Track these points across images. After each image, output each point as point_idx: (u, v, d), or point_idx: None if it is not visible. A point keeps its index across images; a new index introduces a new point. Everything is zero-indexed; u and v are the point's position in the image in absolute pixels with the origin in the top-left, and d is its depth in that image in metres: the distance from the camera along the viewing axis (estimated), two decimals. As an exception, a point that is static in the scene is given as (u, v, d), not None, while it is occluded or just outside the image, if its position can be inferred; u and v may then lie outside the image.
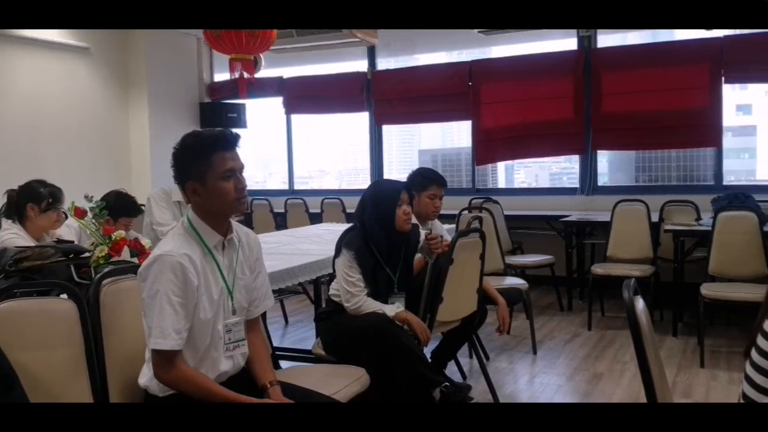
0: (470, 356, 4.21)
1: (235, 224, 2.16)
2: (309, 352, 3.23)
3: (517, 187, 7.98)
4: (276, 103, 8.15)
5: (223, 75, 8.05)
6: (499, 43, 7.21)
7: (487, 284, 3.56)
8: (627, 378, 3.92)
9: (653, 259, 5.16)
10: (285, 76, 8.00)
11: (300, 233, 4.80)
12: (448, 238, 3.24)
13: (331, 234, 3.96)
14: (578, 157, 6.73)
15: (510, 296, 3.88)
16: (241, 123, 7.88)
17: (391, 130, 8.20)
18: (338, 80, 7.77)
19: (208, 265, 2.03)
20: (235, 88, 5.69)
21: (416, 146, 9.14)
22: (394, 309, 2.89)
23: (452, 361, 3.72)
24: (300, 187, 8.53)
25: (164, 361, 1.92)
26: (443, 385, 3.03)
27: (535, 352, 4.48)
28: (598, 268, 5.10)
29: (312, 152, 9.18)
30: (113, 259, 2.59)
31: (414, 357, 2.81)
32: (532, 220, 6.36)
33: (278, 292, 4.69)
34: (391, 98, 7.44)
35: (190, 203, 2.08)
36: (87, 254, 2.63)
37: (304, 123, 8.53)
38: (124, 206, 3.50)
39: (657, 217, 5.29)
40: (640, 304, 1.41)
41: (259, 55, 5.87)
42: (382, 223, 2.95)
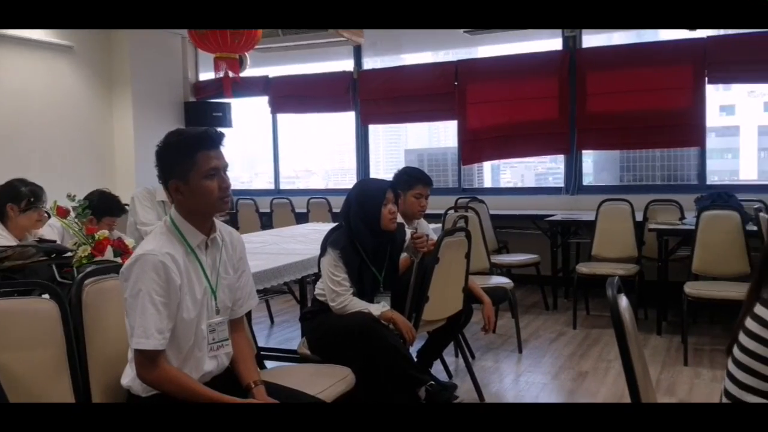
0: (456, 355, 4.22)
1: (219, 223, 2.14)
2: (294, 352, 3.22)
3: (503, 186, 8.00)
4: (262, 103, 8.13)
5: (208, 74, 8.01)
6: (484, 43, 7.24)
7: (473, 283, 3.57)
8: (612, 376, 3.94)
9: (637, 258, 5.19)
10: (270, 75, 7.98)
11: (286, 233, 4.79)
12: (434, 238, 3.24)
13: (317, 233, 3.95)
14: (563, 156, 6.76)
15: (495, 295, 3.90)
16: (226, 122, 7.84)
17: (378, 130, 8.20)
18: (324, 80, 7.76)
19: (191, 265, 2.01)
20: (221, 87, 5.68)
21: (403, 146, 9.16)
22: (380, 308, 2.89)
23: (438, 360, 3.72)
24: (287, 187, 8.51)
25: (147, 361, 1.90)
26: (429, 384, 3.03)
27: (521, 351, 4.49)
28: (583, 267, 5.12)
29: (299, 152, 9.16)
30: (96, 259, 2.57)
31: (400, 356, 2.80)
32: (517, 220, 6.38)
33: (263, 292, 4.67)
34: (377, 98, 7.44)
35: (173, 202, 2.07)
36: (69, 254, 2.60)
37: (291, 122, 8.51)
38: (108, 206, 3.47)
39: (641, 217, 5.33)
40: (623, 301, 1.41)
41: (245, 54, 5.84)
42: (367, 222, 2.94)
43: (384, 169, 8.36)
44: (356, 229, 2.94)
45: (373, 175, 7.69)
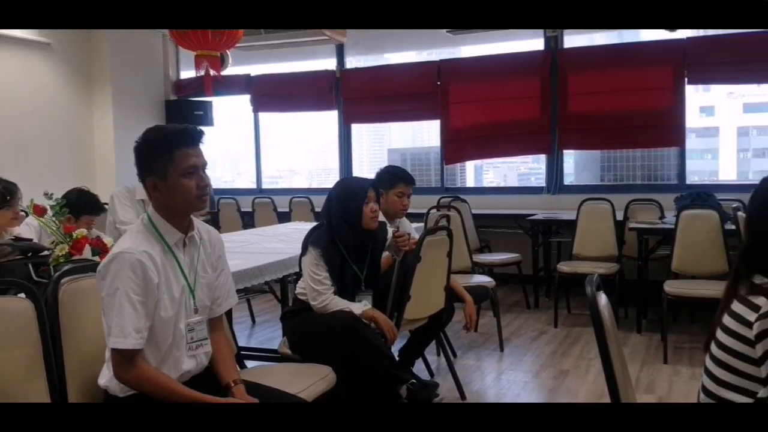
0: (438, 354, 4.22)
1: (197, 222, 2.12)
2: (275, 351, 3.20)
3: (485, 186, 8.03)
4: (244, 101, 8.08)
5: (189, 72, 7.95)
6: (467, 43, 7.25)
7: (455, 282, 3.58)
8: (593, 374, 3.96)
9: (618, 257, 5.22)
10: (252, 74, 7.93)
11: (267, 232, 4.77)
12: (416, 237, 3.24)
13: (299, 233, 3.94)
14: (545, 156, 6.79)
15: (477, 294, 3.91)
16: (207, 121, 7.78)
17: (361, 130, 8.19)
18: (307, 78, 7.74)
19: (168, 263, 1.99)
20: (202, 85, 5.62)
21: (386, 145, 9.15)
22: (361, 307, 2.88)
23: (420, 359, 3.72)
24: (269, 187, 8.47)
25: (124, 360, 1.88)
26: (410, 383, 3.03)
27: (502, 350, 4.50)
28: (564, 266, 5.15)
29: (281, 151, 9.12)
30: (74, 258, 2.53)
31: (381, 355, 2.80)
32: (499, 219, 6.40)
33: (244, 292, 4.65)
34: (360, 97, 7.43)
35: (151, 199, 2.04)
36: (46, 252, 2.57)
37: (273, 122, 8.47)
38: (86, 204, 3.44)
39: (622, 216, 5.37)
40: (602, 299, 1.42)
41: (226, 52, 5.81)
42: (349, 221, 2.93)
43: (367, 168, 8.34)
44: (337, 227, 2.93)
45: (356, 175, 7.68)
